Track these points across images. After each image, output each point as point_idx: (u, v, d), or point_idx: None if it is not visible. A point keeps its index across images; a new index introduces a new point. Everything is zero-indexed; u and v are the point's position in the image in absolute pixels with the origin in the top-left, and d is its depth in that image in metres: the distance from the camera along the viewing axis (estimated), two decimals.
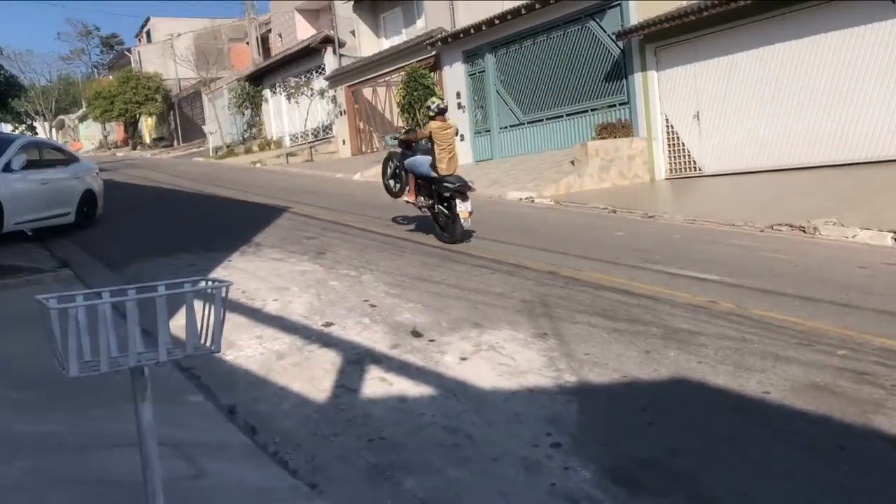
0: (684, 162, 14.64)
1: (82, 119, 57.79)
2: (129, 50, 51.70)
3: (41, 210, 10.75)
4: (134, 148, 44.72)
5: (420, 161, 9.78)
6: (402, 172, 10.23)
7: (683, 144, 14.60)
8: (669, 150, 14.87)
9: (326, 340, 5.89)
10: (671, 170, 14.89)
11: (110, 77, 45.90)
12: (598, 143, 14.54)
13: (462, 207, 9.09)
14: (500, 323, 6.06)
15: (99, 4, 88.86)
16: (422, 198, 9.79)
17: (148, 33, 51.51)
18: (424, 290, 7.18)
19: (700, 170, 14.38)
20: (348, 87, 25.83)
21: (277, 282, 7.82)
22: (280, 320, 6.49)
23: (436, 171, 9.45)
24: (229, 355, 5.70)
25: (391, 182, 10.74)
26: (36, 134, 62.70)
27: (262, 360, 5.57)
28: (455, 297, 6.84)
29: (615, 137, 14.80)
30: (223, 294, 2.74)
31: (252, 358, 5.62)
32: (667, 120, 14.81)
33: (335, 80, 26.30)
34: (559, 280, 7.30)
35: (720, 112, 13.87)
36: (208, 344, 2.80)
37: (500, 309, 6.43)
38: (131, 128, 46.14)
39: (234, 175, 22.60)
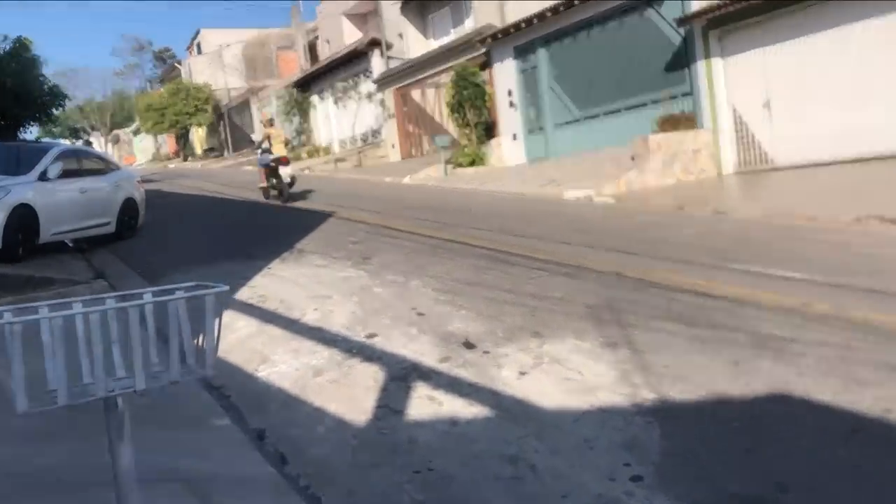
0: (754, 154, 13.67)
1: (136, 133, 58.83)
2: (179, 62, 52.39)
3: (79, 220, 10.44)
4: (185, 159, 45.16)
5: (263, 158, 16.06)
6: (265, 170, 16.14)
7: (753, 136, 13.64)
8: (737, 142, 13.91)
9: (369, 354, 5.28)
10: (740, 163, 13.92)
11: (161, 90, 46.47)
12: (660, 137, 13.69)
13: (283, 172, 15.29)
14: (562, 331, 5.36)
15: (152, 16, 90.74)
16: (266, 180, 15.93)
17: (199, 45, 52.08)
18: (477, 295, 6.52)
19: (772, 162, 13.40)
20: (396, 89, 25.36)
21: (318, 289, 7.26)
22: (319, 332, 5.92)
23: (273, 156, 15.48)
24: (262, 371, 5.15)
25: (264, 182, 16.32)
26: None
27: (298, 376, 4.99)
28: (511, 303, 6.16)
29: (678, 130, 13.91)
30: (218, 301, 2.17)
31: (286, 374, 5.04)
32: (734, 110, 13.87)
33: (383, 82, 25.87)
34: (627, 282, 6.56)
35: (794, 99, 12.88)
36: (197, 364, 2.24)
37: (561, 315, 5.73)
38: (182, 139, 46.62)
39: None
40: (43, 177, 9.67)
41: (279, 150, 15.53)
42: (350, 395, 4.57)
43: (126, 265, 9.81)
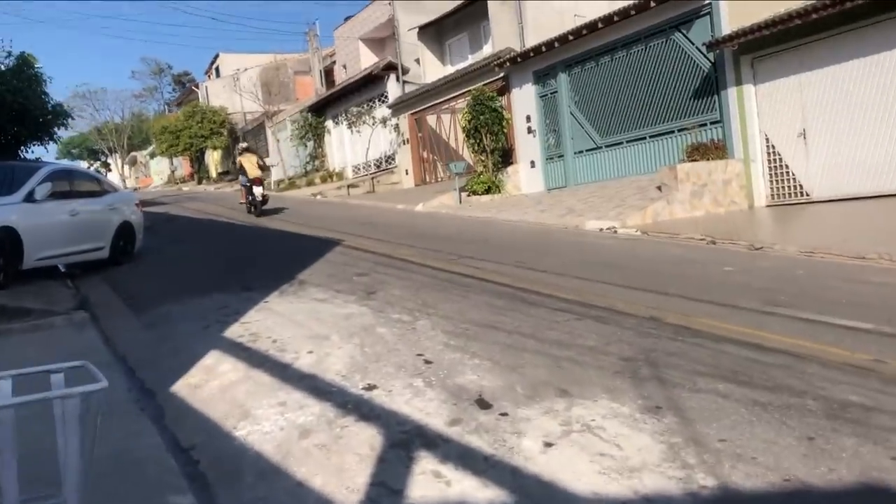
0: (788, 186, 12.88)
1: (153, 155, 58.70)
2: (196, 85, 52.28)
3: (70, 244, 9.76)
4: (199, 182, 44.77)
5: (242, 180, 19.70)
6: (243, 190, 19.78)
7: (787, 166, 12.86)
8: (770, 173, 13.13)
9: (366, 411, 4.50)
10: (773, 195, 13.13)
11: (178, 112, 46.27)
12: (688, 167, 12.93)
13: (255, 191, 18.66)
14: (594, 389, 4.57)
15: (172, 39, 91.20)
16: (245, 198, 19.32)
17: (217, 69, 52.00)
18: (493, 340, 5.74)
19: (807, 195, 12.60)
20: (411, 114, 24.79)
21: (316, 328, 6.51)
22: (312, 380, 5.15)
23: (247, 178, 18.96)
24: (241, 430, 4.38)
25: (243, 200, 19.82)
26: (109, 170, 64.29)
27: (282, 438, 4.22)
28: (533, 352, 5.38)
29: (708, 160, 13.16)
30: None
31: (269, 435, 4.27)
32: (767, 139, 13.11)
33: (398, 107, 25.32)
34: (665, 329, 5.76)
35: (831, 129, 12.12)
36: None
37: (592, 369, 4.94)
38: (197, 162, 46.30)
39: (291, 207, 21.69)
40: (29, 198, 9.02)
41: (253, 173, 18.96)
42: (340, 466, 3.80)
43: (115, 293, 9.11)
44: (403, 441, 4.02)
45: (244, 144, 22.88)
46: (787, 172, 12.86)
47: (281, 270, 9.51)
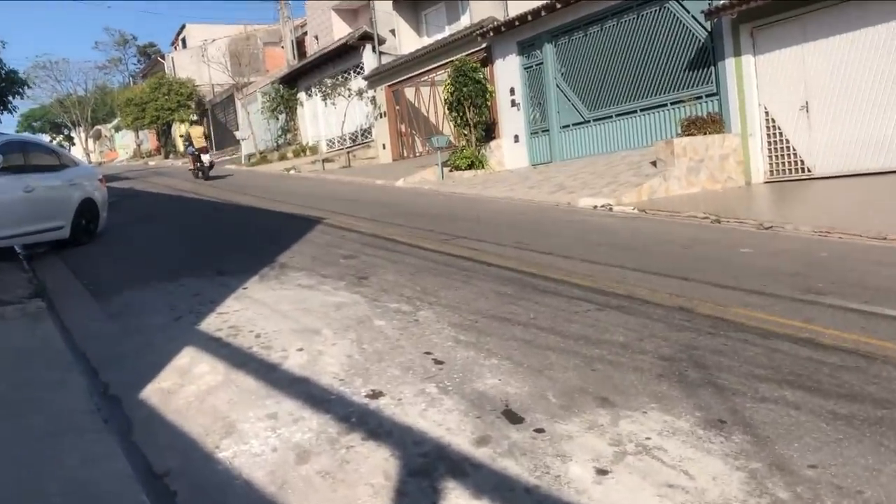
0: (788, 162, 12.33)
1: (118, 129, 56.91)
2: (162, 56, 50.53)
3: (24, 223, 8.87)
4: (167, 157, 43.34)
5: (189, 149, 23.02)
6: (190, 158, 23.52)
7: (787, 141, 12.30)
8: (769, 148, 12.56)
9: (374, 426, 3.82)
10: (772, 171, 12.58)
11: (143, 84, 44.64)
12: (685, 141, 12.31)
13: (203, 158, 22.23)
14: (640, 398, 3.92)
15: (137, 9, 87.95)
16: (193, 164, 22.92)
17: (184, 41, 50.27)
18: (509, 335, 5.08)
19: (808, 171, 12.07)
20: (388, 87, 23.87)
21: (305, 320, 5.78)
22: (305, 385, 4.45)
23: (194, 147, 22.43)
24: (225, 451, 3.67)
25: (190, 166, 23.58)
26: (73, 144, 62.26)
27: (276, 462, 3.52)
28: (557, 350, 4.72)
29: (704, 134, 12.55)
30: None
31: (260, 458, 3.57)
32: (766, 113, 12.53)
33: (374, 79, 24.37)
34: (700, 321, 5.13)
35: (836, 102, 11.56)
36: None
37: (631, 371, 4.29)
38: (164, 136, 44.82)
39: (264, 182, 20.79)
40: None
41: (199, 143, 22.59)
42: (349, 501, 3.12)
43: (76, 278, 8.27)
44: (424, 467, 3.35)
45: (191, 118, 29.32)
46: (788, 147, 12.31)
47: (259, 252, 8.74)
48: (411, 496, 3.11)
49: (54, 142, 59.51)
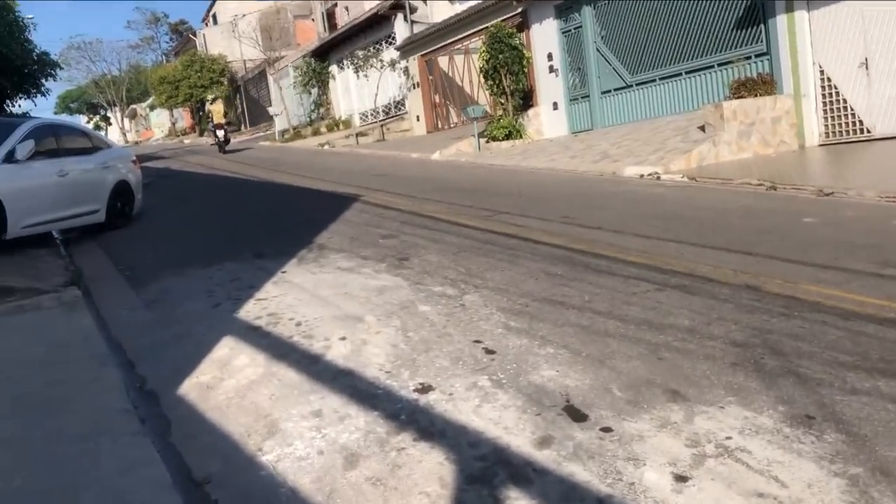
0: (846, 122, 11.71)
1: (152, 108, 57.24)
2: (193, 34, 50.52)
3: (60, 208, 8.75)
4: (201, 134, 43.42)
5: (211, 126, 28.75)
6: (211, 132, 28.22)
7: (844, 101, 11.67)
8: (825, 109, 11.94)
9: (425, 424, 3.54)
10: (827, 133, 11.97)
11: (175, 62, 44.65)
12: (735, 104, 11.75)
13: (219, 134, 25.94)
14: (714, 390, 3.59)
15: None
16: (214, 138, 26.38)
17: (214, 17, 50.17)
18: (563, 321, 4.75)
19: (868, 131, 11.45)
20: (421, 56, 23.42)
21: (346, 306, 5.53)
22: (349, 378, 4.19)
23: (214, 123, 28.56)
24: (269, 454, 3.43)
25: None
26: (110, 124, 62.85)
27: (322, 466, 3.26)
28: (618, 336, 4.39)
29: (756, 96, 11.97)
30: None
31: (306, 462, 3.32)
32: (821, 71, 11.88)
33: (407, 49, 23.93)
34: (771, 301, 4.76)
35: None
36: None
37: (701, 360, 3.95)
38: (198, 113, 44.89)
39: (299, 159, 20.60)
40: (10, 158, 7.98)
41: (218, 119, 28.06)
42: None
43: (112, 264, 8.13)
44: (483, 472, 3.06)
45: (212, 97, 36.60)
46: (845, 107, 11.68)
47: (296, 233, 8.51)
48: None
49: (91, 122, 60.18)
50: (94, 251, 8.95)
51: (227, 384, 4.32)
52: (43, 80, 13.81)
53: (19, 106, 13.97)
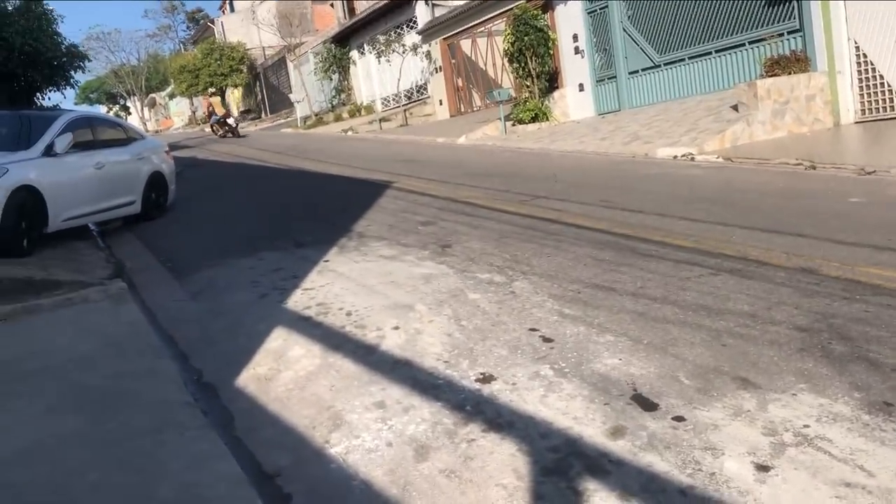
0: (883, 99, 11.51)
1: (172, 96, 57.45)
2: (212, 21, 50.52)
3: (98, 201, 8.80)
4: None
5: (214, 118, 30.67)
6: (215, 124, 30.31)
7: (881, 77, 11.46)
8: (861, 86, 11.74)
9: (491, 415, 3.53)
10: (864, 110, 11.77)
11: (195, 51, 44.73)
12: (769, 82, 11.58)
13: (229, 121, 29.88)
14: (784, 377, 3.54)
15: None
16: (219, 128, 29.90)
17: (231, 4, 50.16)
18: (618, 307, 4.71)
19: None
20: (443, 40, 23.29)
21: (394, 294, 5.52)
22: (408, 369, 4.18)
23: (217, 115, 30.77)
24: (337, 446, 3.42)
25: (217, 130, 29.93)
26: (129, 114, 63.18)
27: (393, 458, 3.26)
28: (677, 323, 4.34)
29: (789, 74, 11.78)
30: None
31: (376, 454, 3.31)
32: (857, 47, 11.67)
33: (429, 33, 23.80)
34: (830, 284, 4.68)
35: None
36: None
37: (767, 345, 3.90)
38: (222, 101, 44.98)
39: (323, 146, 20.59)
40: (49, 151, 8.02)
41: (220, 111, 31.02)
42: None
43: (152, 255, 8.18)
44: (558, 464, 3.04)
45: (212, 91, 38.61)
46: (882, 83, 11.48)
47: (333, 221, 8.52)
48: (550, 499, 2.82)
49: (111, 112, 60.53)
50: (133, 243, 9.00)
51: (285, 376, 4.32)
52: (72, 73, 13.90)
53: (48, 98, 14.06)
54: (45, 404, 4.08)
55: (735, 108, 12.00)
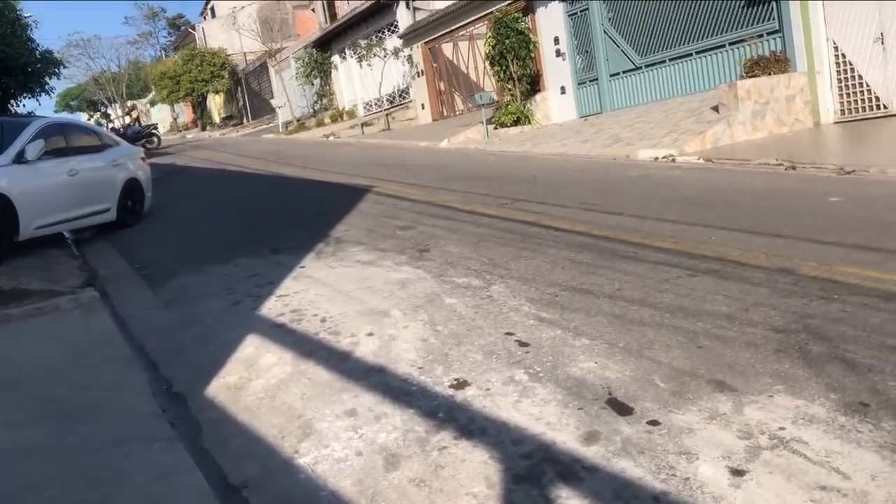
0: (861, 99, 11.55)
1: (153, 103, 57.07)
2: (192, 27, 50.25)
3: (71, 208, 8.65)
4: (203, 129, 43.33)
5: (133, 129, 30.02)
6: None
7: (860, 77, 11.50)
8: (840, 86, 11.78)
9: (464, 422, 3.45)
10: (843, 110, 11.81)
11: (175, 57, 44.47)
12: (749, 83, 11.59)
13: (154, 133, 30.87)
14: (761, 379, 3.49)
15: None
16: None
17: (212, 10, 49.89)
18: (595, 310, 4.65)
19: (885, 107, 11.28)
20: (425, 44, 23.22)
21: (370, 300, 5.43)
22: (381, 375, 4.10)
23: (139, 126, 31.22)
24: (305, 456, 3.34)
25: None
26: (111, 121, 62.70)
27: (363, 468, 3.18)
28: (653, 325, 4.29)
29: (769, 74, 11.80)
30: None
31: (345, 463, 3.24)
32: (835, 47, 11.71)
33: (410, 37, 23.74)
34: (808, 284, 4.65)
35: None
36: None
37: (743, 347, 3.85)
38: (199, 108, 44.74)
39: (305, 151, 20.47)
40: (20, 158, 7.87)
41: (133, 119, 28.58)
42: None
43: (126, 263, 8.05)
44: (530, 471, 2.98)
45: (131, 105, 38.44)
46: (861, 83, 11.52)
47: (311, 226, 8.42)
48: None
49: (91, 119, 60.07)
50: (108, 251, 8.87)
51: (256, 384, 4.23)
52: (47, 79, 13.70)
53: (23, 105, 13.87)
54: (5, 417, 3.97)
55: (716, 109, 12.00)
